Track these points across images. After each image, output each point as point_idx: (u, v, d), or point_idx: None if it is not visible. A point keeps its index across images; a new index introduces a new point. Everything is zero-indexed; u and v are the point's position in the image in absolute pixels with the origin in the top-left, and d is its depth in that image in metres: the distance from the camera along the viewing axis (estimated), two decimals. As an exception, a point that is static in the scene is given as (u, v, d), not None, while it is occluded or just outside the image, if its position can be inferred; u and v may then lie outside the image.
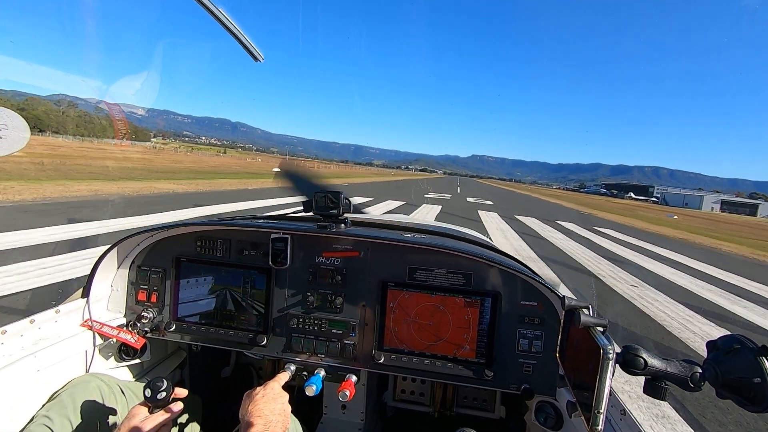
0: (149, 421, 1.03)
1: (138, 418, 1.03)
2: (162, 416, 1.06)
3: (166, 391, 1.07)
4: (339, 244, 1.52)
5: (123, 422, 1.03)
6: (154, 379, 1.07)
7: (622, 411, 1.07)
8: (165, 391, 1.06)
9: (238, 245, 1.57)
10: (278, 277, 1.55)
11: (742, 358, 0.79)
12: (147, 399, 1.06)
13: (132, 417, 1.04)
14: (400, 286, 1.47)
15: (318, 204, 1.45)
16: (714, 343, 0.87)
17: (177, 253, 1.59)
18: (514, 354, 1.41)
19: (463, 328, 1.43)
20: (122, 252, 1.58)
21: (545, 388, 1.39)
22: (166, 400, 1.07)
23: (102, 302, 1.57)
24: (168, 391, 1.07)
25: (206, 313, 1.58)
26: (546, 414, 1.38)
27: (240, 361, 2.28)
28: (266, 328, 1.53)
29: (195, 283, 1.59)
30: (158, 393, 1.06)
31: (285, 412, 1.14)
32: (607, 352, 0.87)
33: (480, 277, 1.44)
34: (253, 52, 1.36)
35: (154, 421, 1.04)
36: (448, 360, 1.44)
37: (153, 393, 1.05)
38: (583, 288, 7.13)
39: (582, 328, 1.01)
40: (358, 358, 1.49)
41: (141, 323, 1.52)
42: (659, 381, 0.87)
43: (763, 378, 0.74)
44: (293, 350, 1.51)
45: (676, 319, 5.74)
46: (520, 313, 1.41)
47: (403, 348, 1.47)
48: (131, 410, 1.06)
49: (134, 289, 1.60)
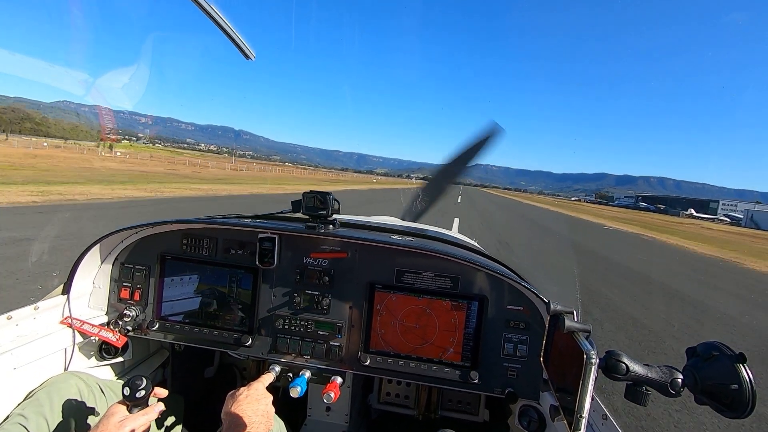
0: (128, 420, 1.01)
1: (116, 416, 1.01)
2: (141, 415, 1.04)
3: (145, 389, 1.05)
4: (327, 245, 1.51)
5: (101, 420, 1.01)
6: (133, 377, 1.05)
7: (603, 416, 1.08)
8: (144, 390, 1.04)
9: (225, 244, 1.55)
10: (265, 277, 1.53)
11: (721, 365, 0.80)
12: (126, 397, 1.04)
13: (110, 415, 1.01)
14: (388, 288, 1.47)
15: (307, 204, 1.44)
16: (693, 349, 0.89)
17: (162, 250, 1.56)
18: (500, 358, 1.41)
19: (450, 331, 1.43)
20: (105, 248, 1.55)
21: (529, 392, 1.39)
22: (145, 398, 1.06)
23: (83, 299, 1.54)
24: (147, 389, 1.05)
25: (190, 313, 1.55)
26: (529, 418, 1.38)
27: (224, 362, 2.25)
28: (252, 328, 1.52)
29: (180, 281, 1.56)
30: (137, 391, 1.04)
31: (268, 413, 1.13)
32: (590, 357, 0.88)
33: (467, 281, 1.44)
34: (244, 49, 1.35)
35: (133, 420, 1.02)
36: (433, 363, 1.43)
37: (132, 391, 1.03)
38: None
39: (566, 333, 1.01)
40: (344, 360, 1.48)
41: (123, 321, 1.49)
42: (640, 386, 0.88)
43: (741, 384, 0.75)
44: (278, 351, 1.49)
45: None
46: (506, 317, 1.42)
47: (389, 350, 1.46)
48: (110, 408, 1.04)
49: (117, 287, 1.57)
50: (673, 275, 11.79)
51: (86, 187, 15.22)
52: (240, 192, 22.13)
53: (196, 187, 21.59)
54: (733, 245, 26.11)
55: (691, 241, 24.13)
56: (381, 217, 2.93)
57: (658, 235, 26.79)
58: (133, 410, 1.05)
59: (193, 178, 28.78)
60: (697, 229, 45.26)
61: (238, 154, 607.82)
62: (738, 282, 11.66)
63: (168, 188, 18.76)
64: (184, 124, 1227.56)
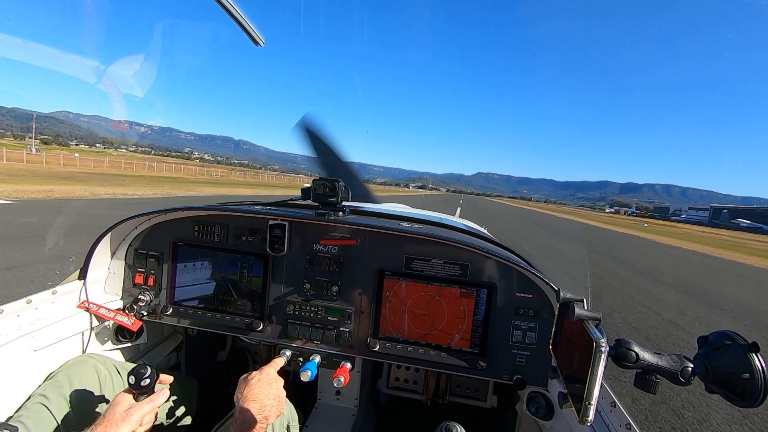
0: (134, 409, 1.02)
1: (122, 405, 1.02)
2: (147, 403, 1.05)
3: (150, 377, 1.05)
4: (336, 232, 1.52)
5: (107, 409, 1.02)
6: (137, 366, 1.06)
7: (612, 403, 1.09)
8: (149, 378, 1.05)
9: (235, 231, 1.57)
10: (275, 264, 1.55)
11: (733, 354, 0.80)
12: (131, 386, 1.04)
13: (116, 404, 1.02)
14: (397, 275, 1.48)
15: (317, 191, 1.44)
16: (705, 338, 0.88)
17: (174, 237, 1.59)
18: (508, 345, 1.42)
19: (458, 318, 1.44)
20: (119, 235, 1.57)
21: (537, 379, 1.40)
22: (150, 386, 1.06)
23: (99, 284, 1.57)
24: (152, 377, 1.06)
25: (203, 298, 1.58)
26: (537, 404, 1.40)
27: (236, 346, 2.30)
28: (262, 314, 1.54)
29: (192, 267, 1.59)
30: (142, 379, 1.04)
31: (280, 396, 1.15)
32: (600, 345, 0.88)
33: (476, 268, 1.44)
34: (253, 35, 1.33)
35: (139, 408, 1.02)
36: (442, 349, 1.45)
37: (137, 380, 1.04)
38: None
39: (576, 321, 1.01)
40: (354, 345, 1.50)
41: (138, 306, 1.53)
42: (650, 375, 0.88)
43: (752, 374, 0.75)
44: (289, 336, 1.52)
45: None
46: (515, 304, 1.42)
47: (398, 336, 1.48)
48: (116, 397, 1.05)
49: (131, 272, 1.60)
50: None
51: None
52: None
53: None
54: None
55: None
56: (390, 204, 2.93)
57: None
58: (139, 398, 1.05)
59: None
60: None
61: (235, 163, 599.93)
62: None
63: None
64: (183, 134, 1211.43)
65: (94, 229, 1.59)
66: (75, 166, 41.71)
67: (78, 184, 19.49)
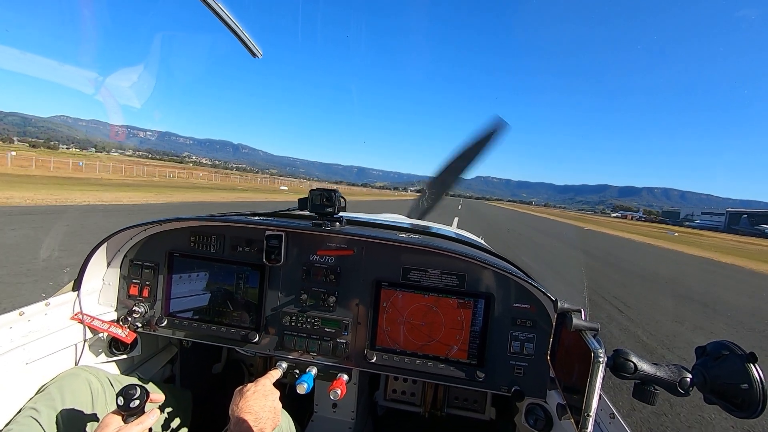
0: (122, 431, 0.98)
1: (111, 428, 0.98)
2: (136, 425, 1.01)
3: (139, 398, 1.01)
4: (333, 243, 1.51)
5: (95, 431, 0.98)
6: (126, 387, 1.03)
7: (611, 414, 1.08)
8: (138, 399, 1.01)
9: (232, 241, 1.56)
10: (272, 275, 1.54)
11: (731, 365, 0.80)
12: (120, 407, 1.01)
13: (104, 426, 0.98)
14: (394, 285, 1.47)
15: (313, 202, 1.45)
16: (703, 348, 0.88)
17: (170, 247, 1.58)
18: (506, 356, 1.41)
19: (456, 329, 1.44)
20: (114, 246, 1.57)
21: (536, 391, 1.39)
22: (140, 407, 1.02)
23: (93, 296, 1.56)
24: (142, 398, 1.02)
25: (198, 309, 1.57)
26: (536, 416, 1.38)
27: (231, 358, 2.28)
28: (259, 325, 1.53)
29: (188, 278, 1.58)
30: (131, 401, 1.00)
31: (275, 409, 1.14)
32: (598, 355, 0.87)
33: (474, 279, 1.44)
34: (251, 47, 1.35)
35: (128, 431, 0.98)
36: (439, 361, 1.44)
37: (126, 401, 1.00)
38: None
39: (573, 332, 1.01)
40: (350, 357, 1.48)
41: (132, 318, 1.51)
42: (648, 385, 0.88)
43: (751, 384, 0.75)
44: (285, 348, 1.50)
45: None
46: (512, 315, 1.41)
47: (396, 348, 1.47)
48: (104, 419, 1.01)
49: (126, 284, 1.59)
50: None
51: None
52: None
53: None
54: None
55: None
56: (387, 214, 2.93)
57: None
58: (128, 420, 1.02)
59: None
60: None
61: (232, 167, 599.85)
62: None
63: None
64: (182, 138, 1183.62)
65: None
66: (30, 168, 38.45)
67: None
